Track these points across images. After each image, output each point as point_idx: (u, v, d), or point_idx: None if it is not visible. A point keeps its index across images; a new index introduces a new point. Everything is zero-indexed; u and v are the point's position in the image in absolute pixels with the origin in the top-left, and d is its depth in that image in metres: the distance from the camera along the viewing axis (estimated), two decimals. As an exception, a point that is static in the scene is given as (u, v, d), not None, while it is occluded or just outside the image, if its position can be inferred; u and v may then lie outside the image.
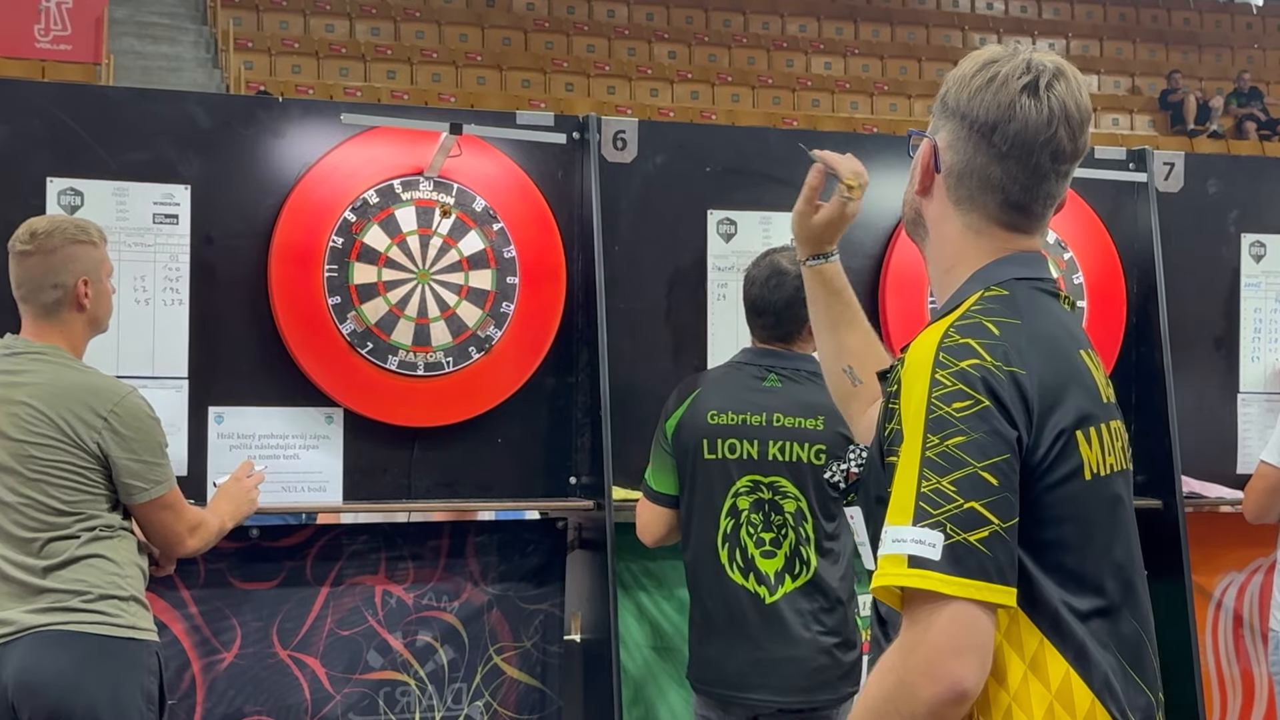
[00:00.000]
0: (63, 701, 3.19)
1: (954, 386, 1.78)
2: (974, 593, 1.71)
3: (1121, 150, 4.81)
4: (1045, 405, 1.82)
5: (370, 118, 4.13)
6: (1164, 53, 22.37)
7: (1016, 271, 1.95)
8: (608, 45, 18.94)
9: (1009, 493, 1.76)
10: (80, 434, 3.30)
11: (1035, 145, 1.93)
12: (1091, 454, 1.86)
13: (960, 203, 1.98)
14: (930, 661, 1.71)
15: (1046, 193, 1.97)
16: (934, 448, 1.76)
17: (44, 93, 4.03)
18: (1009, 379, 1.79)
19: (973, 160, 1.96)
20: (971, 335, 1.83)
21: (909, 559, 1.73)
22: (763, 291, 3.69)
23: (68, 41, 14.80)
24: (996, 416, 1.77)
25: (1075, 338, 1.94)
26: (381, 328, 4.02)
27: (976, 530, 1.73)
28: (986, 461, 1.75)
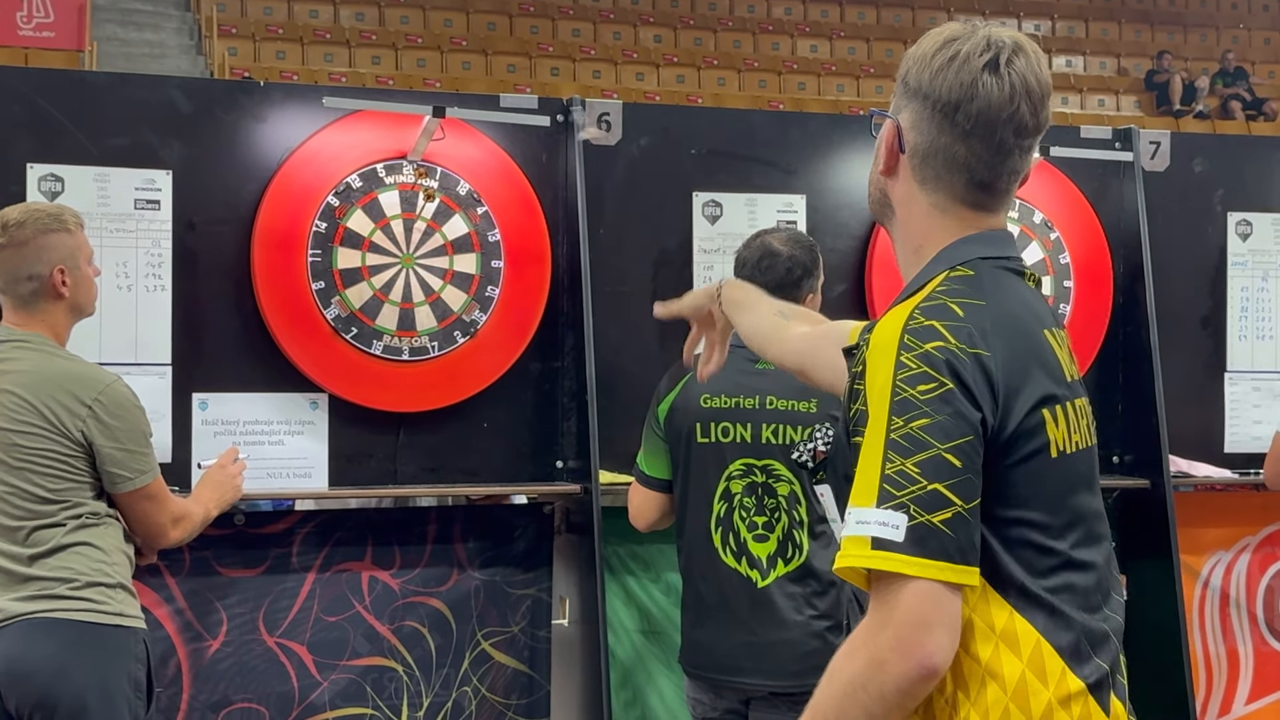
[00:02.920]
0: (50, 689, 3.17)
1: (918, 369, 1.80)
2: (936, 573, 1.73)
3: (1108, 130, 4.81)
4: (1010, 386, 1.83)
5: (353, 101, 4.11)
6: (1149, 33, 22.36)
7: (982, 250, 1.96)
8: (593, 29, 18.89)
9: (971, 474, 1.78)
10: (65, 422, 3.28)
11: (999, 122, 1.93)
12: (1058, 432, 1.88)
13: (926, 182, 1.99)
14: (899, 639, 1.73)
15: (1011, 169, 1.97)
16: (898, 430, 1.78)
17: (24, 79, 4.00)
18: (973, 360, 1.81)
19: (937, 140, 1.96)
20: (936, 317, 1.84)
21: (873, 540, 1.75)
22: (753, 274, 3.65)
23: (51, 28, 14.74)
24: (960, 398, 1.79)
25: (1039, 316, 1.96)
26: (366, 313, 4.00)
27: (939, 511, 1.75)
28: (950, 443, 1.77)
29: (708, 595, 3.67)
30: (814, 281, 3.72)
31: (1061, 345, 1.98)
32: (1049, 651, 1.84)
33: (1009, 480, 1.83)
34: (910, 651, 1.72)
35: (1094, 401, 4.73)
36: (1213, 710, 4.78)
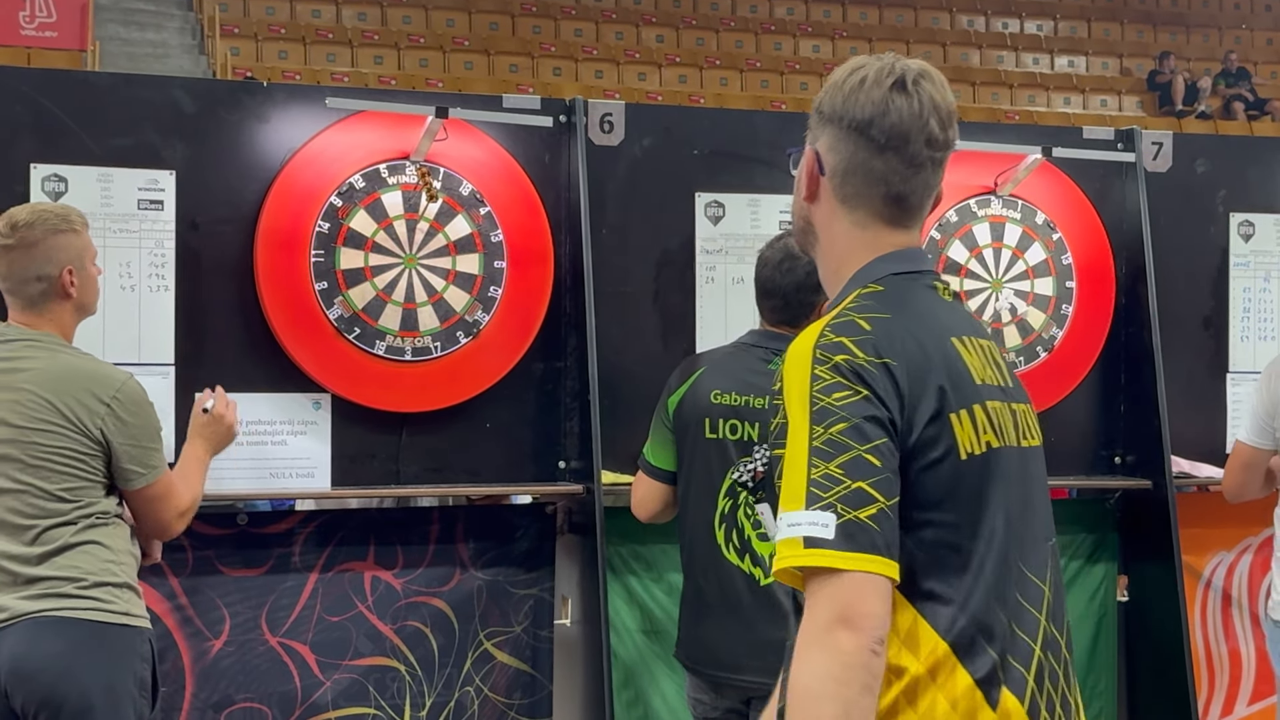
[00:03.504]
0: (56, 688, 3.18)
1: (832, 379, 1.91)
2: (867, 565, 1.83)
3: (1110, 130, 4.81)
4: (915, 392, 1.93)
5: (356, 102, 4.12)
6: (1151, 33, 22.35)
7: (894, 267, 2.06)
8: (595, 29, 18.89)
9: (890, 473, 1.88)
10: (84, 420, 3.29)
11: (911, 134, 2.03)
12: (964, 434, 1.97)
13: (847, 200, 2.08)
14: (845, 615, 1.82)
15: (924, 182, 2.07)
16: (819, 436, 1.88)
17: (28, 79, 4.01)
18: (880, 369, 1.92)
19: (854, 156, 2.06)
20: (844, 333, 1.95)
21: (805, 540, 1.84)
22: (774, 274, 3.67)
23: (53, 28, 14.75)
24: (873, 403, 1.90)
25: (947, 326, 2.04)
26: (368, 313, 4.00)
27: (865, 508, 1.85)
28: (868, 444, 1.87)
29: (709, 591, 3.67)
30: None
31: (974, 352, 2.05)
32: (951, 659, 1.91)
33: (919, 483, 1.92)
34: (855, 621, 1.81)
35: (1096, 402, 4.73)
36: (1215, 711, 4.78)
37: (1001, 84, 19.82)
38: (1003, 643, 1.95)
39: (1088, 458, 4.61)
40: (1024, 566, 2.01)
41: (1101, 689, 4.69)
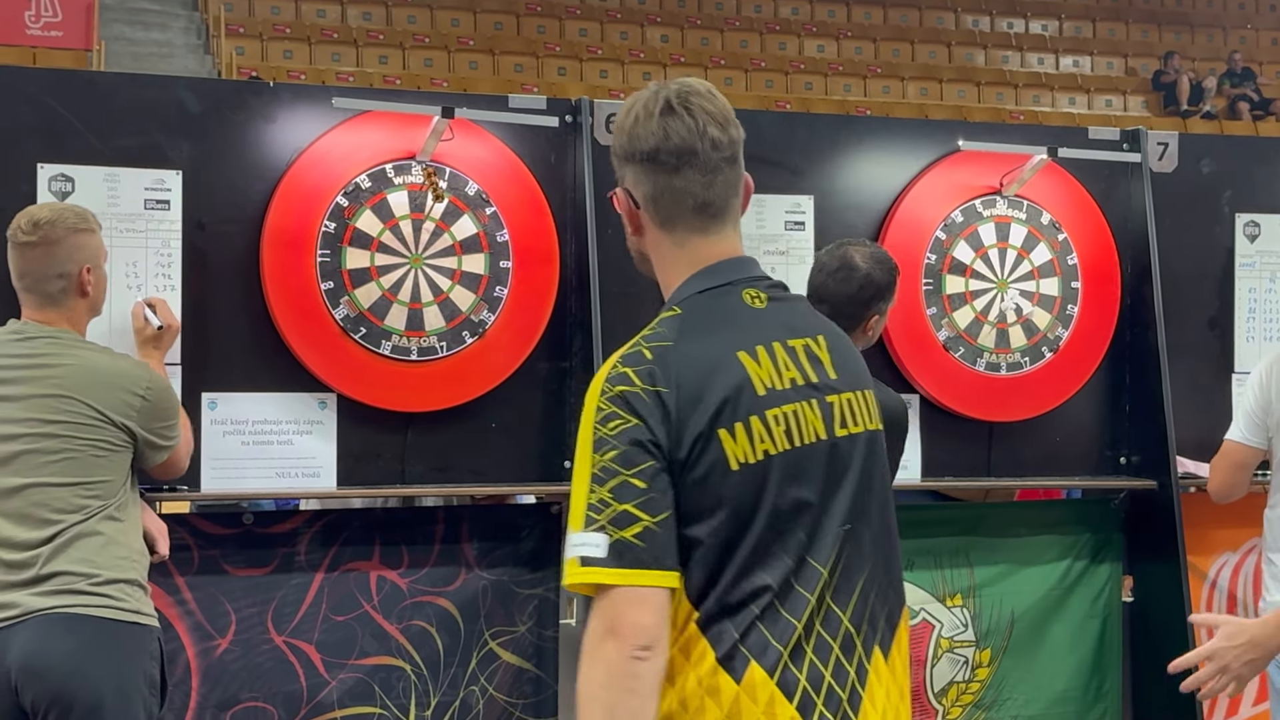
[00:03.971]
0: (67, 685, 3.19)
1: (609, 410, 2.13)
2: (635, 579, 2.06)
3: (1115, 130, 4.81)
4: (684, 415, 2.13)
5: (362, 102, 4.12)
6: (1156, 33, 22.35)
7: (703, 284, 2.26)
8: (600, 29, 18.90)
9: (657, 493, 2.09)
10: (113, 414, 3.35)
11: (695, 147, 2.23)
12: (737, 447, 2.15)
13: (665, 222, 2.28)
14: (612, 625, 2.05)
15: (724, 182, 2.27)
16: (597, 464, 2.11)
17: (34, 79, 4.02)
18: (653, 396, 2.13)
19: (657, 183, 2.26)
20: (629, 364, 2.17)
21: (581, 560, 2.08)
22: (827, 281, 3.72)
23: (59, 28, 14.77)
24: (642, 430, 2.11)
25: (740, 340, 2.22)
26: (374, 313, 4.01)
27: (630, 527, 2.07)
28: (634, 469, 2.09)
29: None
30: (883, 305, 3.78)
31: (768, 360, 2.23)
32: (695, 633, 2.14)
33: (691, 494, 2.13)
34: (621, 635, 2.04)
35: (1101, 402, 4.72)
36: (1220, 712, 4.78)
37: (1006, 84, 19.83)
38: (748, 623, 2.14)
39: (1093, 458, 4.61)
40: (808, 556, 2.19)
41: (1107, 689, 4.70)
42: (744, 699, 2.13)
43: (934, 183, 4.58)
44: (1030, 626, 4.66)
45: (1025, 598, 4.66)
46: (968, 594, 4.64)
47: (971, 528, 4.68)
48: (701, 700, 2.13)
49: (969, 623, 4.64)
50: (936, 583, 4.62)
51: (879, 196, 4.57)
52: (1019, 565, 4.67)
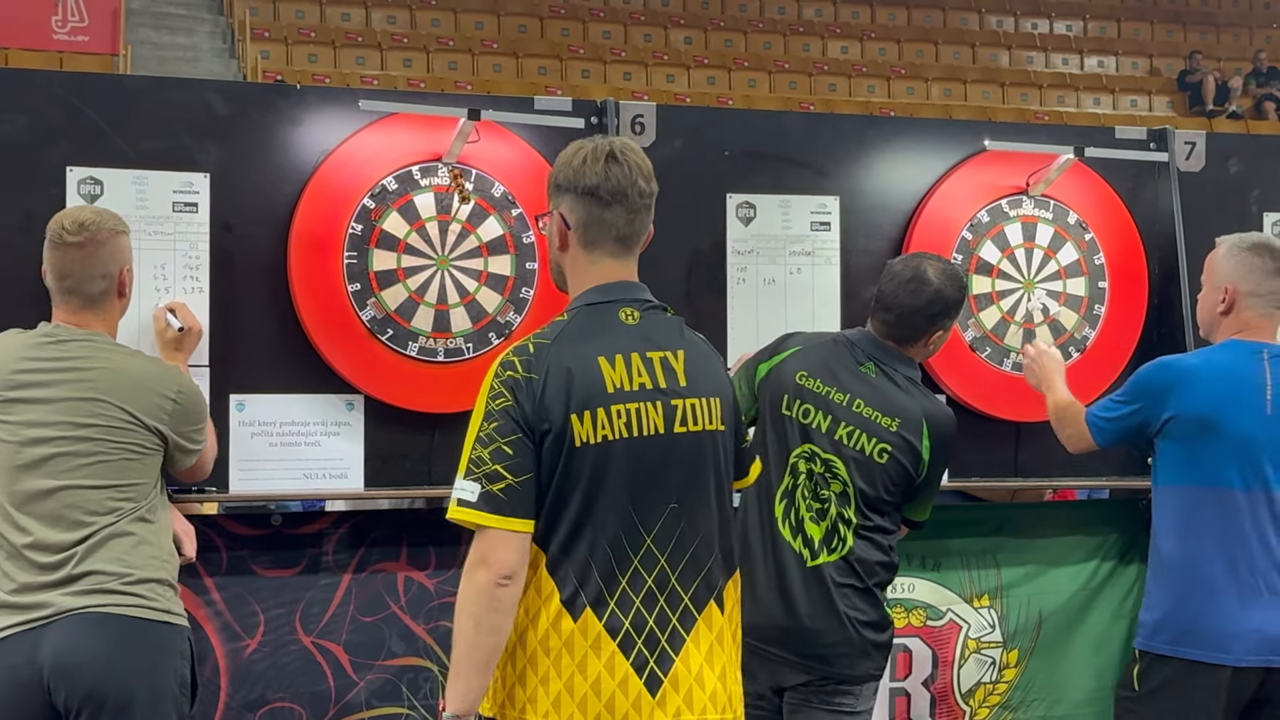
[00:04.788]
0: (99, 684, 3.21)
1: (498, 389, 2.75)
2: (498, 523, 2.69)
3: (1142, 130, 4.79)
4: (547, 399, 2.72)
5: (388, 104, 4.13)
6: (1181, 33, 22.26)
7: (593, 299, 2.84)
8: (624, 31, 18.91)
9: (520, 459, 2.70)
10: (145, 417, 3.37)
11: (627, 191, 2.82)
12: (583, 430, 2.73)
13: (588, 245, 2.86)
14: (481, 558, 2.69)
15: (641, 224, 2.87)
16: (483, 429, 2.72)
17: (63, 82, 4.03)
18: (527, 383, 2.73)
19: (590, 213, 2.84)
20: (516, 354, 2.78)
21: (458, 501, 2.71)
22: (897, 290, 3.75)
23: (85, 33, 14.83)
24: (516, 409, 2.72)
25: (603, 347, 2.79)
26: (401, 314, 4.02)
27: (498, 483, 2.69)
28: (506, 439, 2.71)
29: (760, 559, 3.73)
30: (948, 322, 3.81)
31: (623, 366, 2.79)
32: (544, 574, 2.74)
33: (547, 462, 2.72)
34: (492, 562, 2.67)
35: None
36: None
37: (1031, 84, 19.77)
38: (594, 577, 2.74)
39: (1120, 458, 4.59)
40: (639, 523, 2.77)
41: (1134, 690, 4.68)
42: (578, 636, 2.74)
43: (960, 183, 4.57)
44: (1058, 627, 4.65)
45: (1053, 598, 4.65)
46: (995, 595, 4.63)
47: (999, 528, 4.67)
48: (548, 635, 2.74)
49: (996, 623, 4.63)
50: (964, 583, 4.61)
51: (905, 197, 4.56)
52: (1046, 566, 4.66)
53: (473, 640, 2.69)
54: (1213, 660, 3.69)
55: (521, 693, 2.75)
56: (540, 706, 2.73)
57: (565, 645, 2.74)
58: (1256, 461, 3.71)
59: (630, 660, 2.74)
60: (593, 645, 2.73)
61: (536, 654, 2.74)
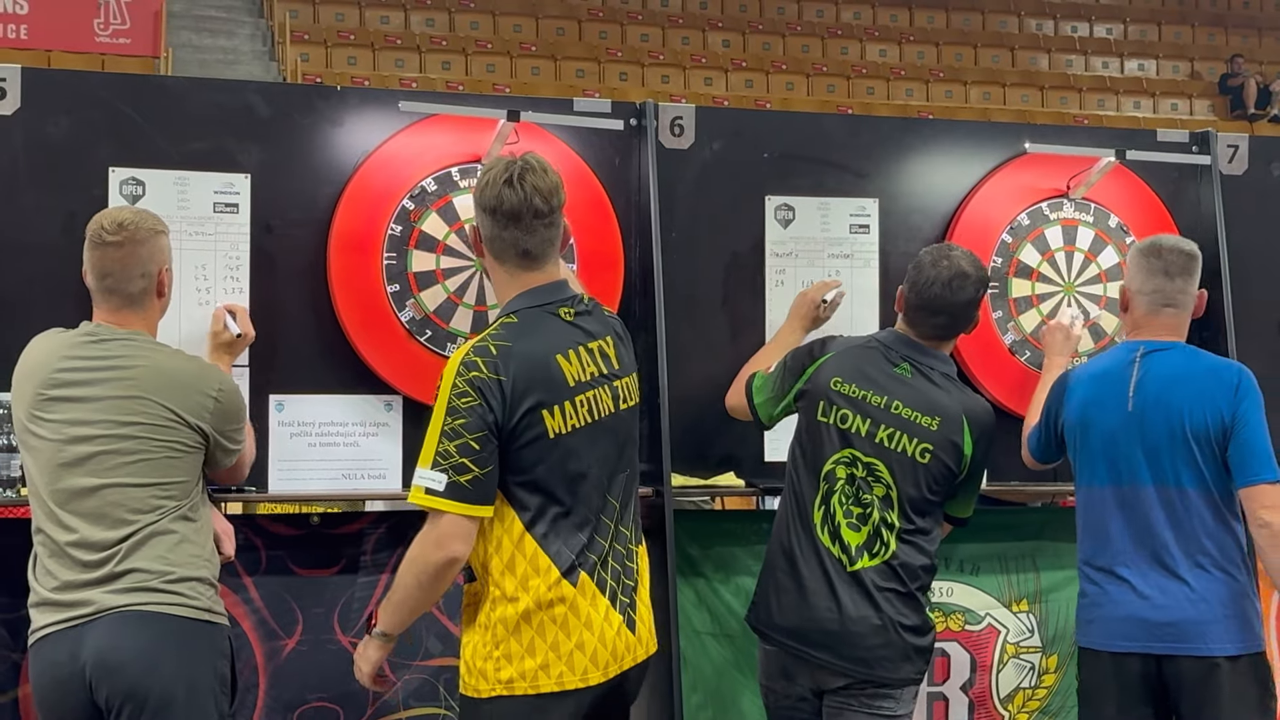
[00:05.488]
0: (140, 681, 3.22)
1: (463, 388, 3.03)
2: (460, 509, 3.02)
3: (1184, 133, 4.76)
4: (516, 397, 3.05)
5: (428, 105, 4.14)
6: (1223, 36, 22.12)
7: (528, 302, 3.17)
8: (661, 34, 18.91)
9: (486, 452, 3.02)
10: (188, 415, 3.38)
11: (521, 213, 3.12)
12: (554, 422, 3.10)
13: (498, 256, 3.20)
14: (437, 542, 3.04)
15: (543, 239, 3.17)
16: (449, 424, 3.02)
17: (105, 84, 4.06)
18: (495, 383, 3.04)
19: (493, 230, 3.17)
20: (479, 355, 3.06)
21: (426, 489, 3.02)
22: (944, 292, 3.75)
23: (126, 35, 14.94)
24: (483, 407, 3.02)
25: (556, 345, 3.14)
26: (440, 315, 4.03)
27: (464, 474, 3.01)
28: (473, 435, 3.01)
29: (798, 562, 3.74)
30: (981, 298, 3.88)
31: (575, 360, 3.15)
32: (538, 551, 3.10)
33: (517, 456, 3.07)
34: (442, 549, 3.03)
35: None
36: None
37: (1070, 88, 19.68)
38: (580, 546, 3.13)
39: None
40: (606, 493, 3.19)
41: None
42: (580, 599, 3.13)
43: (1000, 185, 4.55)
44: (1097, 633, 4.61)
45: (1092, 604, 4.61)
46: (1034, 599, 4.60)
47: (1038, 533, 4.65)
48: (553, 604, 3.10)
49: (1035, 628, 4.61)
50: (1003, 588, 4.59)
51: (945, 199, 4.55)
52: (1086, 571, 4.63)
53: (416, 597, 3.14)
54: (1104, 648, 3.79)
55: (531, 661, 3.10)
56: (554, 670, 3.11)
57: (570, 609, 3.13)
58: (1125, 457, 3.78)
59: (618, 610, 3.20)
60: (592, 604, 3.15)
61: (544, 623, 3.10)
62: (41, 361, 3.39)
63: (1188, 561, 3.73)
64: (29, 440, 3.37)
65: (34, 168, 3.85)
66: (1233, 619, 3.72)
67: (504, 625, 3.11)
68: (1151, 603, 3.73)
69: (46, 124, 3.86)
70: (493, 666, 3.12)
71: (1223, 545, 3.73)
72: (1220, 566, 3.73)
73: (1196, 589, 3.71)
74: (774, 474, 4.09)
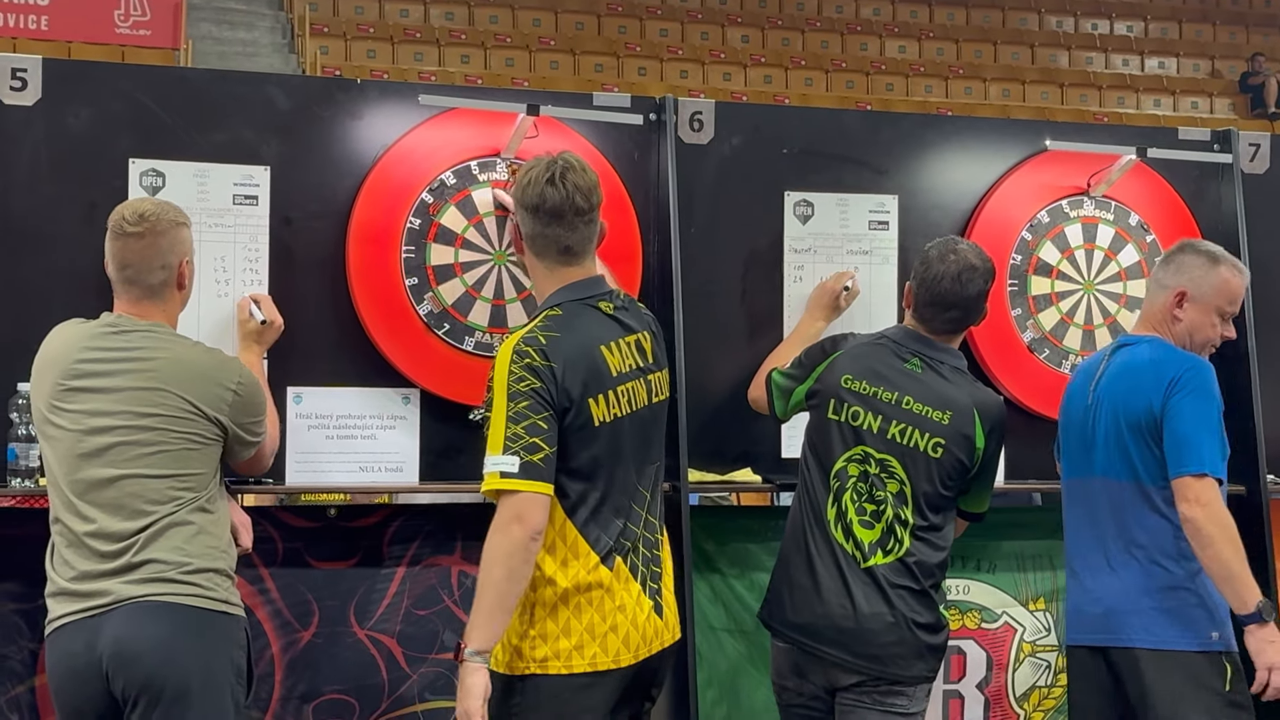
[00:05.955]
0: (157, 672, 3.23)
1: (520, 373, 3.15)
2: (536, 488, 3.12)
3: (1206, 131, 4.74)
4: (568, 385, 3.17)
5: (447, 99, 4.14)
6: (1244, 35, 22.03)
7: (570, 295, 3.29)
8: (681, 29, 18.90)
9: (552, 431, 3.15)
10: (206, 407, 3.38)
11: (564, 211, 3.25)
12: (599, 411, 3.22)
13: (538, 254, 3.33)
14: (517, 518, 3.11)
15: (583, 235, 3.30)
16: (511, 409, 3.14)
17: (127, 75, 4.07)
18: (548, 369, 3.16)
19: (535, 228, 3.30)
20: (530, 344, 3.18)
21: (500, 473, 3.12)
22: (954, 286, 3.75)
23: (147, 27, 14.96)
24: (544, 389, 3.15)
25: (599, 337, 3.26)
26: (458, 309, 4.03)
27: (536, 454, 3.12)
28: (539, 415, 3.14)
29: (812, 557, 3.74)
30: None
31: (616, 352, 3.28)
32: (578, 537, 3.22)
33: (565, 443, 3.18)
34: (524, 523, 3.11)
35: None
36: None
37: (1090, 85, 19.63)
38: (616, 533, 3.25)
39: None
40: (638, 483, 3.33)
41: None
42: (615, 583, 3.24)
43: (1020, 183, 4.54)
44: (1114, 632, 4.60)
45: (1109, 603, 4.60)
46: (1051, 598, 4.59)
47: (1055, 531, 4.62)
48: (589, 584, 3.21)
49: (1051, 627, 4.60)
50: (1019, 586, 4.58)
51: (964, 196, 4.53)
52: (1103, 570, 4.61)
53: (505, 589, 3.13)
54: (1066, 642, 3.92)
55: (566, 641, 3.21)
56: (588, 651, 3.22)
57: (607, 592, 3.24)
58: (1080, 450, 3.86)
59: (647, 595, 3.31)
60: (625, 588, 3.26)
61: (581, 605, 3.22)
62: (62, 352, 3.40)
63: (1123, 554, 3.76)
64: (48, 430, 3.38)
65: (55, 158, 3.85)
66: (1156, 612, 3.70)
67: (542, 606, 3.21)
68: (1090, 595, 3.81)
69: (67, 115, 3.86)
70: (528, 645, 3.21)
71: (1156, 537, 3.72)
72: (1152, 559, 3.72)
73: (1124, 580, 3.74)
74: (791, 470, 4.08)
